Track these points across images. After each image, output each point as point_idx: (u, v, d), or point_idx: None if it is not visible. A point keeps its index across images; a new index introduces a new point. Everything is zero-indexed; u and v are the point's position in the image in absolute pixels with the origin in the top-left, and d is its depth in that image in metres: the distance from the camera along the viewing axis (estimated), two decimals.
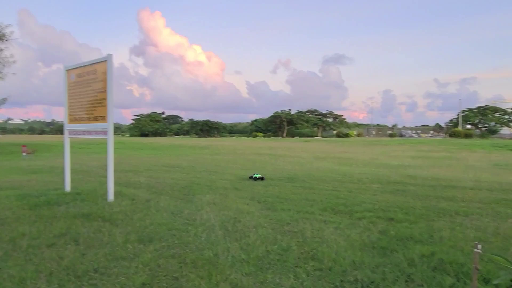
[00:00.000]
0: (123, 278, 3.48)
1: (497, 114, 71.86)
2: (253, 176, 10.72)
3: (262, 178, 10.61)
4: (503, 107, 72.08)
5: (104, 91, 7.36)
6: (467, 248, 4.26)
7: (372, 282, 3.39)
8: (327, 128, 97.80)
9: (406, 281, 3.44)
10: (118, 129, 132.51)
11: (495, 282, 3.04)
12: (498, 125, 71.28)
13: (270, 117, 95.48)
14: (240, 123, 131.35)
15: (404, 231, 5.11)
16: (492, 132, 68.36)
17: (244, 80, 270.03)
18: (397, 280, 3.44)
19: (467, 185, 9.70)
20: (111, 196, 7.27)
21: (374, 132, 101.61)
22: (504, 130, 70.03)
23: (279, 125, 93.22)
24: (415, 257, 4.00)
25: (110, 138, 7.30)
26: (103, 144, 7.61)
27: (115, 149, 8.35)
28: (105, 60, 7.33)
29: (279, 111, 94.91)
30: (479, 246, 3.00)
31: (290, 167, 15.43)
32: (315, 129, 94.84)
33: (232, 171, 13.37)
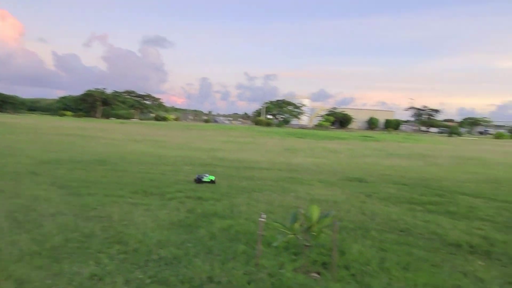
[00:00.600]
0: None
1: (290, 107, 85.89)
2: (203, 179, 7.89)
3: (213, 182, 7.99)
4: (294, 102, 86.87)
5: None
6: (258, 219, 4.99)
7: (176, 257, 3.59)
8: (145, 110, 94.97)
9: (207, 253, 3.78)
10: None
11: (274, 244, 3.70)
12: (290, 116, 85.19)
13: (82, 95, 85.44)
14: (44, 99, 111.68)
15: (209, 208, 5.57)
16: (286, 122, 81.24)
17: (50, 50, 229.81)
18: (199, 253, 3.74)
19: (264, 166, 11.29)
20: None
21: (191, 117, 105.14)
22: (295, 121, 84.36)
23: (93, 104, 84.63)
24: (216, 231, 4.44)
25: None
26: None
27: None
28: None
29: (93, 89, 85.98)
30: (264, 216, 3.59)
31: (102, 149, 14.35)
32: (133, 111, 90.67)
33: (30, 153, 11.42)
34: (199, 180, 7.91)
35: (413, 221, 5.47)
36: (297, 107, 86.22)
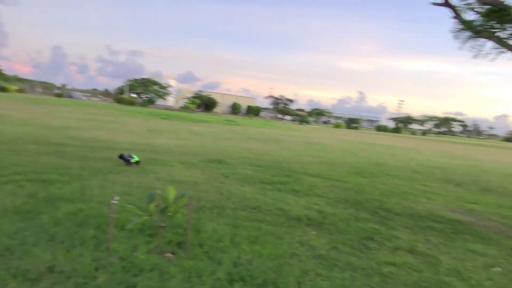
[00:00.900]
0: None
1: (155, 87, 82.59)
2: (130, 159, 7.47)
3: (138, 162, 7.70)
4: (161, 82, 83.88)
5: None
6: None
7: (8, 249, 3.13)
8: None
9: (49, 240, 3.41)
10: None
11: (127, 227, 3.59)
12: (156, 96, 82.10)
13: None
14: None
15: (55, 192, 5.01)
16: (151, 102, 78.01)
17: None
18: (38, 242, 3.34)
19: (124, 146, 10.67)
20: None
21: (40, 90, 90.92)
22: (160, 102, 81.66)
23: None
24: (61, 216, 4.03)
25: None
26: None
27: None
28: None
29: None
30: (117, 198, 3.43)
31: None
32: None
33: None
34: (127, 161, 7.40)
35: (264, 199, 6.03)
36: (163, 87, 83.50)
